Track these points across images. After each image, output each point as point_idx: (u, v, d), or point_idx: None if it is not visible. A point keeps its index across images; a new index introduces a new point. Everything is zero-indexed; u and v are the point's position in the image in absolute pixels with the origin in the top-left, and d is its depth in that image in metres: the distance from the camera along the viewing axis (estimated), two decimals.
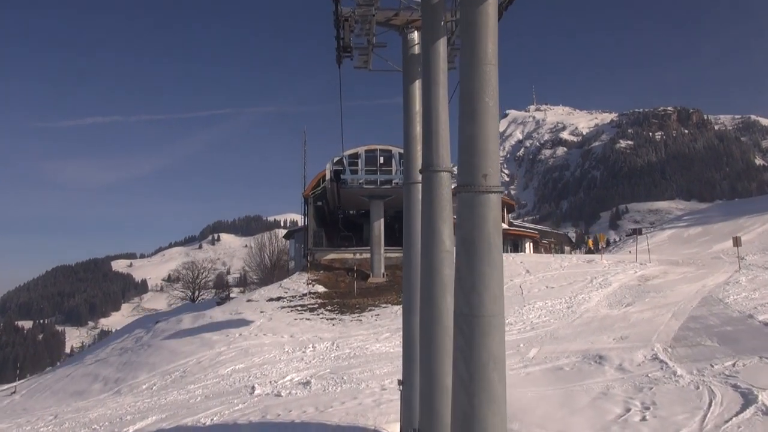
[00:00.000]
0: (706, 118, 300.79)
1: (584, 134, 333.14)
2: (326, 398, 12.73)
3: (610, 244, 66.84)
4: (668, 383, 11.20)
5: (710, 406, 9.75)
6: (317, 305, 23.70)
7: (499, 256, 5.35)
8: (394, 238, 31.66)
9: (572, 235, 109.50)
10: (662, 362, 12.57)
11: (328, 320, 21.64)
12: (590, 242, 63.41)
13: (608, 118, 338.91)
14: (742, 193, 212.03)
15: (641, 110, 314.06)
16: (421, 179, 9.79)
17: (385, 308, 22.78)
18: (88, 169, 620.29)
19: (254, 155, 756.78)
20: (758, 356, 11.98)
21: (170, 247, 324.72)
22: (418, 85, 9.98)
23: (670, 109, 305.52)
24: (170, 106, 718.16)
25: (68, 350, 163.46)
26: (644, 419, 9.36)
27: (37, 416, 17.45)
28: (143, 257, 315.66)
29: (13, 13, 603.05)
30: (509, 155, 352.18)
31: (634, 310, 18.04)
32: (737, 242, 26.75)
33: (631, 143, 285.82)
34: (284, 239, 50.29)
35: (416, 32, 9.98)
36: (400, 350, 16.75)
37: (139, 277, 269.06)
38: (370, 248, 29.56)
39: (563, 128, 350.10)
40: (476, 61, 5.39)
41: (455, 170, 8.81)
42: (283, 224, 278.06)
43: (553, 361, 13.86)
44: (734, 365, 11.75)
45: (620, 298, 20.21)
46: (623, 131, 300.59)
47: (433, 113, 8.20)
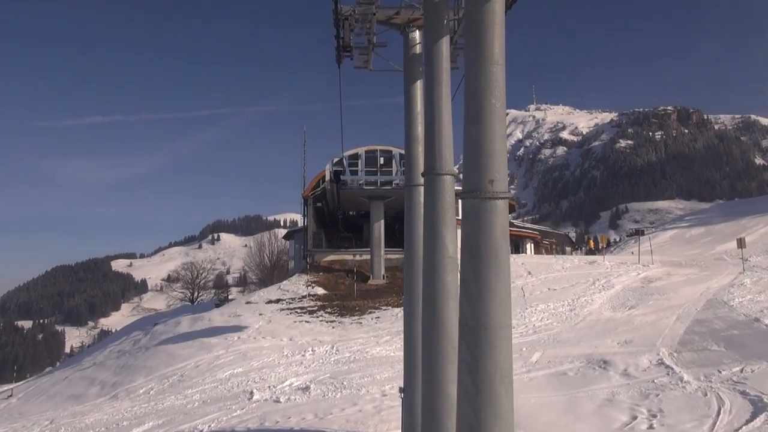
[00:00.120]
0: (706, 117, 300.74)
1: (584, 134, 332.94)
2: (326, 404, 12.52)
3: (611, 244, 66.55)
4: (675, 389, 10.99)
5: (719, 414, 9.54)
6: (317, 307, 23.45)
7: (506, 265, 5.12)
8: (394, 239, 31.40)
9: (572, 234, 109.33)
10: (668, 367, 12.36)
11: (327, 323, 21.41)
12: (591, 243, 63.16)
13: (608, 117, 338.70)
14: (742, 192, 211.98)
15: (641, 110, 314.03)
16: (423, 182, 9.67)
17: (385, 311, 22.56)
18: (88, 168, 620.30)
19: (254, 155, 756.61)
20: (766, 362, 11.78)
21: (170, 246, 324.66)
22: (419, 85, 9.79)
23: (670, 108, 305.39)
24: (170, 105, 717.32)
25: (68, 350, 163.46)
26: (651, 427, 9.15)
27: (33, 421, 17.26)
28: (143, 257, 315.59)
29: (12, 11, 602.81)
30: (509, 155, 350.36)
31: (637, 313, 17.83)
32: (741, 243, 26.50)
33: (631, 143, 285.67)
34: (284, 240, 50.05)
35: (417, 31, 9.81)
36: (400, 354, 16.56)
37: (138, 276, 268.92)
38: (370, 250, 29.32)
39: (563, 128, 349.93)
40: (482, 60, 5.15)
41: (459, 173, 8.64)
42: (282, 224, 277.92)
43: (556, 365, 13.66)
44: (742, 371, 11.55)
45: (623, 300, 19.98)
46: (623, 131, 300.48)
47: (435, 114, 7.96)
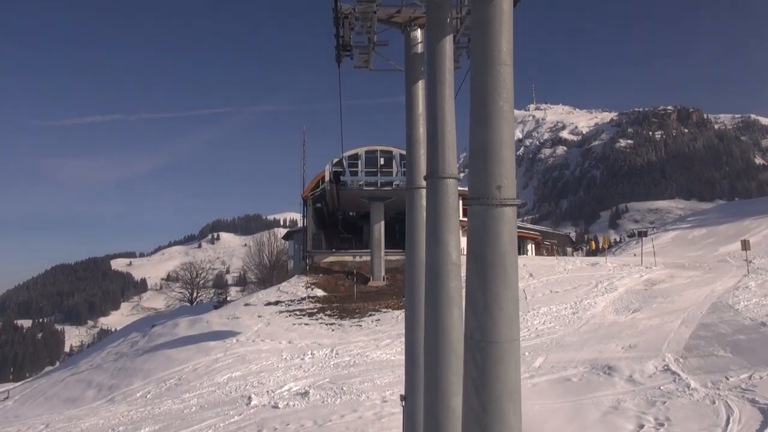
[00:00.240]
0: (705, 117, 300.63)
1: (584, 133, 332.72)
2: (325, 411, 12.30)
3: (612, 245, 66.18)
4: (682, 397, 10.76)
5: (728, 423, 9.33)
6: (316, 310, 23.17)
7: (514, 276, 4.87)
8: (394, 240, 31.13)
9: (572, 234, 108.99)
10: (674, 374, 12.14)
11: (327, 325, 21.16)
12: (593, 243, 62.79)
13: (608, 117, 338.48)
14: (742, 192, 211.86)
15: (641, 109, 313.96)
16: (424, 184, 9.42)
17: (385, 313, 22.30)
18: (87, 167, 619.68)
19: (254, 154, 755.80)
20: None
21: (170, 246, 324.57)
22: (421, 85, 9.57)
23: (669, 108, 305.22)
24: (170, 104, 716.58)
25: (67, 349, 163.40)
26: None
27: (28, 425, 17.06)
28: (143, 256, 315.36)
29: (12, 11, 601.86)
30: None
31: (641, 316, 17.58)
32: (746, 246, 26.17)
33: (630, 142, 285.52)
34: (283, 240, 49.78)
35: (419, 30, 9.60)
36: (401, 358, 16.34)
37: (138, 276, 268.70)
38: (370, 251, 29.04)
39: (563, 127, 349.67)
40: (489, 61, 4.87)
41: (461, 174, 8.38)
42: (282, 223, 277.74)
43: (560, 371, 13.43)
44: (750, 378, 11.32)
45: (627, 303, 19.72)
46: (623, 130, 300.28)
47: (438, 116, 7.71)
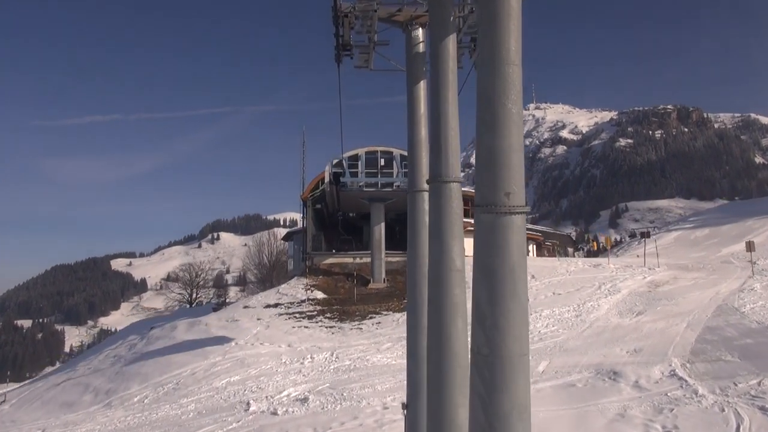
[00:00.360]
0: (705, 116, 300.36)
1: (584, 133, 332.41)
2: (325, 418, 12.06)
3: (614, 245, 65.85)
4: (690, 404, 10.52)
5: (738, 431, 9.09)
6: (316, 312, 22.91)
7: (524, 287, 4.64)
8: (395, 241, 30.86)
9: (572, 234, 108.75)
10: (681, 379, 11.90)
11: (327, 328, 20.91)
12: (595, 244, 62.49)
13: (608, 116, 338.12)
14: (742, 191, 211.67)
15: (641, 108, 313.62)
16: (426, 187, 9.16)
17: (386, 316, 22.05)
18: (87, 167, 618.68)
19: (254, 154, 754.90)
20: None
21: (170, 246, 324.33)
22: (422, 85, 9.36)
23: (669, 107, 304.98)
24: (170, 104, 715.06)
25: (67, 349, 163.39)
26: None
27: (24, 430, 16.85)
28: (143, 256, 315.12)
29: (12, 9, 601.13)
30: None
31: (646, 319, 17.34)
32: (750, 247, 25.89)
33: (630, 141, 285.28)
34: (283, 241, 49.53)
35: (421, 29, 9.39)
36: (401, 362, 16.09)
37: (138, 276, 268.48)
38: (370, 252, 28.76)
39: (563, 127, 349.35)
40: (497, 61, 4.63)
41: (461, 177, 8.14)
42: (282, 223, 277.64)
43: (564, 376, 13.18)
44: (759, 384, 11.08)
45: (630, 305, 19.47)
46: (623, 129, 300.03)
47: (441, 117, 7.48)
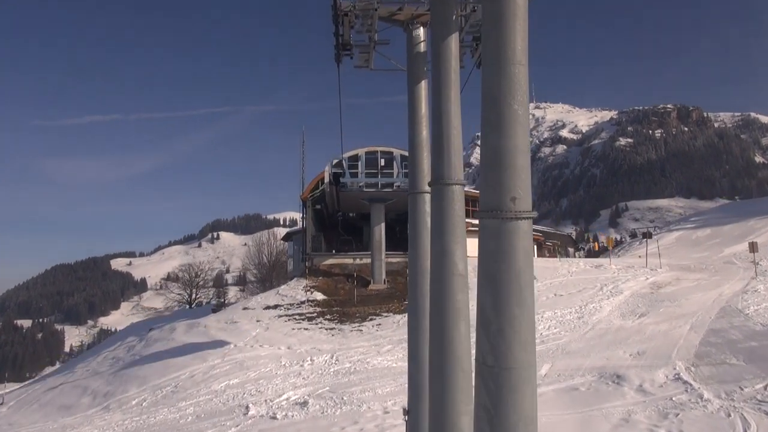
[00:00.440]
0: (705, 115, 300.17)
1: (584, 132, 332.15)
2: (325, 422, 11.90)
3: (615, 245, 65.60)
4: (695, 408, 10.36)
5: None
6: (316, 314, 22.73)
7: (530, 295, 4.48)
8: (395, 241, 30.67)
9: (572, 234, 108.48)
10: (686, 383, 11.73)
11: (327, 330, 20.73)
12: (596, 245, 62.29)
13: (608, 115, 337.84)
14: (742, 190, 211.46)
15: (641, 108, 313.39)
16: (428, 189, 8.99)
17: (386, 317, 21.86)
18: (87, 167, 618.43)
19: (253, 153, 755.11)
20: None
21: (170, 245, 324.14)
22: (424, 85, 9.22)
23: (669, 106, 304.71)
24: (169, 104, 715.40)
25: (67, 349, 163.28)
26: None
27: None
28: (142, 256, 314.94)
29: (11, 9, 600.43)
30: None
31: (649, 321, 17.16)
32: (754, 248, 25.64)
33: (630, 141, 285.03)
34: (282, 241, 49.36)
35: (422, 28, 9.26)
36: (402, 365, 15.92)
37: (138, 275, 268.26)
38: (370, 253, 28.56)
39: (563, 126, 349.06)
40: (502, 60, 4.47)
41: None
42: (282, 222, 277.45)
43: (566, 380, 13.01)
44: (766, 388, 10.92)
45: (633, 307, 19.28)
46: (623, 129, 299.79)
47: (443, 118, 7.30)
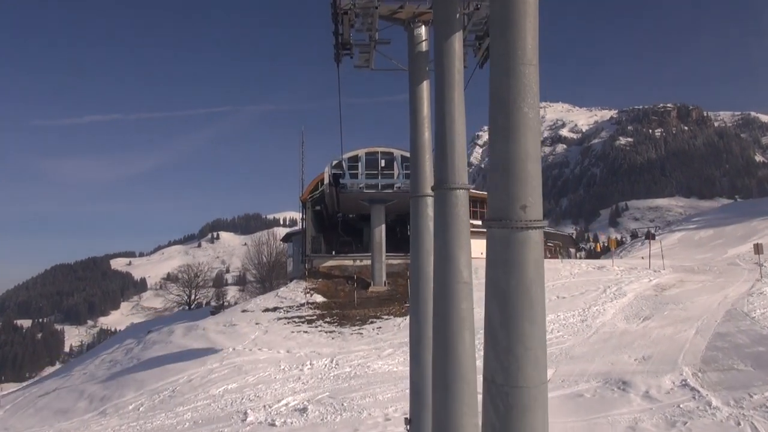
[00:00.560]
0: (705, 114, 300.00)
1: (584, 131, 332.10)
2: (324, 429, 11.66)
3: (620, 244, 65.24)
4: (704, 416, 10.11)
5: None
6: (315, 317, 22.47)
7: (541, 309, 4.22)
8: (395, 242, 30.42)
9: (573, 233, 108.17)
10: (693, 390, 11.47)
11: (327, 333, 20.48)
12: (598, 246, 62.01)
13: (608, 115, 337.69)
14: (742, 189, 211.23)
15: (641, 107, 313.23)
16: (430, 192, 8.73)
17: (387, 320, 21.61)
18: (87, 167, 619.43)
19: (253, 153, 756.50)
20: None
21: (169, 245, 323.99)
22: (426, 86, 8.96)
23: (669, 105, 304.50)
24: (169, 103, 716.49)
25: (67, 349, 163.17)
26: None
27: None
28: (142, 256, 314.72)
29: (11, 8, 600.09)
30: None
31: (653, 324, 16.91)
32: (759, 249, 25.38)
33: (630, 140, 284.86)
34: (282, 242, 49.12)
35: (424, 27, 9.01)
36: (403, 369, 15.66)
37: (138, 275, 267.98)
38: (371, 255, 28.29)
39: (563, 125, 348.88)
40: (512, 61, 4.21)
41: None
42: (282, 222, 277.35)
43: (571, 385, 12.76)
44: None
45: (637, 310, 19.03)
46: (623, 128, 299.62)
47: (447, 120, 7.04)
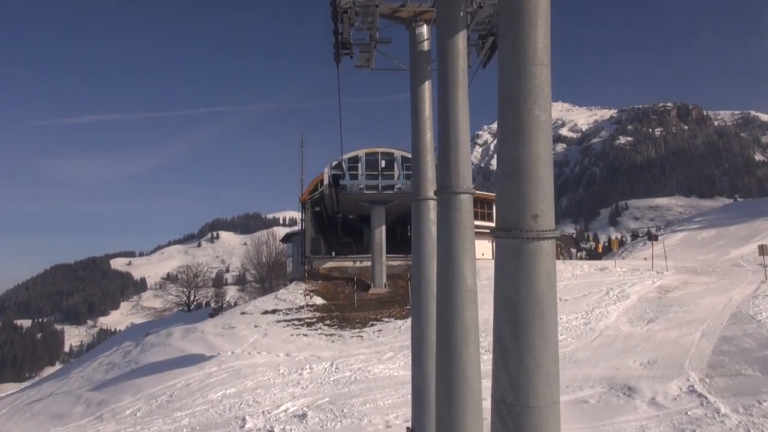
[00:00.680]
0: (705, 113, 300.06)
1: (584, 130, 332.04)
2: None
3: (622, 244, 64.94)
4: (713, 424, 9.89)
5: None
6: (315, 319, 22.22)
7: (553, 323, 3.98)
8: (396, 243, 30.18)
9: (573, 233, 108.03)
10: (701, 396, 11.24)
11: (326, 336, 20.25)
12: (600, 247, 61.78)
13: (608, 114, 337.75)
14: (742, 188, 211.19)
15: (641, 106, 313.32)
16: (432, 195, 8.50)
17: (387, 323, 21.37)
18: (87, 166, 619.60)
19: (253, 152, 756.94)
20: None
21: (169, 245, 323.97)
22: (428, 86, 8.73)
23: (669, 105, 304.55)
24: (169, 103, 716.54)
25: (67, 349, 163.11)
26: None
27: None
28: (142, 255, 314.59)
29: (11, 8, 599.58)
30: None
31: (658, 327, 16.68)
32: (764, 250, 25.10)
33: (630, 139, 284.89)
34: (282, 243, 48.93)
35: (425, 26, 8.79)
36: (404, 373, 15.42)
37: (138, 275, 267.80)
38: (371, 257, 28.04)
39: (562, 125, 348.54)
40: (522, 60, 3.96)
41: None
42: (282, 221, 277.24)
43: (575, 391, 12.53)
44: None
45: (641, 312, 18.80)
46: (623, 127, 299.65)
47: (451, 122, 6.80)
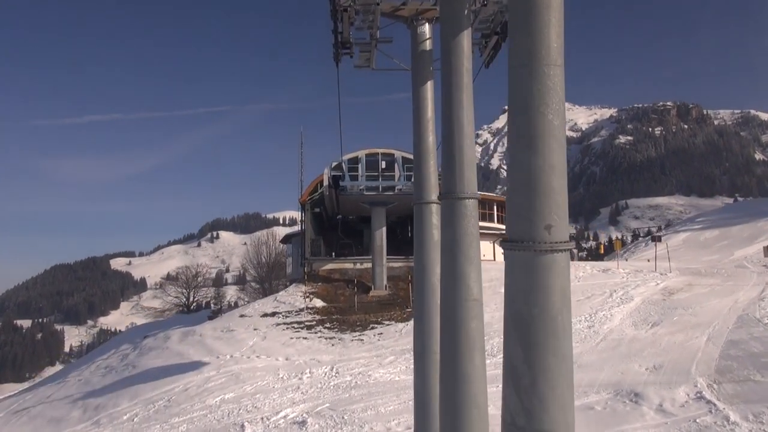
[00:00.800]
0: (705, 113, 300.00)
1: (583, 130, 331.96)
2: None
3: (624, 243, 64.69)
4: None
5: None
6: (315, 322, 21.97)
7: (568, 342, 3.77)
8: (396, 245, 29.92)
9: (573, 232, 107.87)
10: (710, 403, 10.99)
11: (326, 339, 20.01)
12: (602, 247, 61.46)
13: (607, 113, 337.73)
14: (742, 188, 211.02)
15: (640, 105, 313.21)
16: (434, 199, 8.27)
17: (388, 326, 21.13)
18: (87, 166, 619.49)
19: (253, 152, 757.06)
20: None
21: (169, 245, 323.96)
22: (430, 86, 8.51)
23: (669, 104, 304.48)
24: (169, 103, 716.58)
25: (67, 349, 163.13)
26: None
27: None
28: (142, 255, 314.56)
29: (11, 7, 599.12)
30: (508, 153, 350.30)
31: (663, 331, 16.44)
32: None
33: (630, 139, 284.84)
34: (281, 243, 48.69)
35: (427, 25, 8.58)
36: (405, 378, 15.19)
37: (138, 275, 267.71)
38: (371, 258, 27.79)
39: None
40: (534, 61, 3.75)
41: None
42: (282, 221, 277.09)
43: (581, 397, 12.27)
44: None
45: (645, 315, 18.55)
46: (622, 127, 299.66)
47: (455, 125, 6.55)
